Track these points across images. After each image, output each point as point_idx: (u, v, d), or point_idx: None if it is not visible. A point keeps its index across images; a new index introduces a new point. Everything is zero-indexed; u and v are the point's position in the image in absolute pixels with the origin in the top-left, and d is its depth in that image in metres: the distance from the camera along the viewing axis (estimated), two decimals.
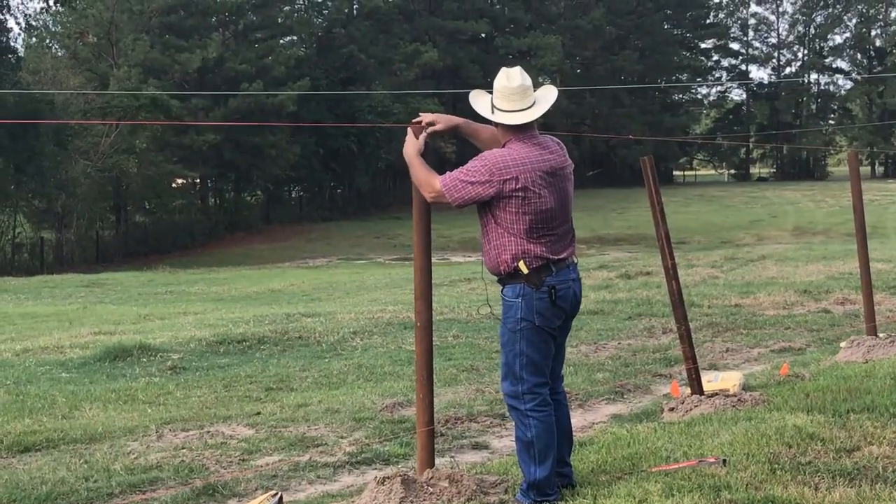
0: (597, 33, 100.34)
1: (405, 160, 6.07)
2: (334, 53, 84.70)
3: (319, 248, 61.30)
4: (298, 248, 62.83)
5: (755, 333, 14.68)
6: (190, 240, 69.07)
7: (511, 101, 5.90)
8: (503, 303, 5.94)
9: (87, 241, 64.73)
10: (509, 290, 5.91)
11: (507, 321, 5.93)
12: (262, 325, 16.48)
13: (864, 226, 12.44)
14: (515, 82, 5.92)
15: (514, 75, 5.97)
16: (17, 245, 62.89)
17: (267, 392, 11.19)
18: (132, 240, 68.08)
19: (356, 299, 23.00)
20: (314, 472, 7.61)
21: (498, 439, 8.60)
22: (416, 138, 6.15)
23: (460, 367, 12.32)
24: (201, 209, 78.35)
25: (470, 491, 6.09)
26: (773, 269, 24.79)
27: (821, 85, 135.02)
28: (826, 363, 11.07)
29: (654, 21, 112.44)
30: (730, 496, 5.77)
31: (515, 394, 5.93)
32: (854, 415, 7.73)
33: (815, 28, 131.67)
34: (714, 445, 6.99)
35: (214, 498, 6.96)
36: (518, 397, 5.92)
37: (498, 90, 5.94)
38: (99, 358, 13.80)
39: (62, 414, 10.18)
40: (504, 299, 5.93)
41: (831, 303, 17.78)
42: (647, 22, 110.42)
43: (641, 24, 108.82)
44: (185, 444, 8.58)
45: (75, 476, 7.55)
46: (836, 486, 5.97)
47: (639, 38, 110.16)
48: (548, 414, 5.94)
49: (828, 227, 55.36)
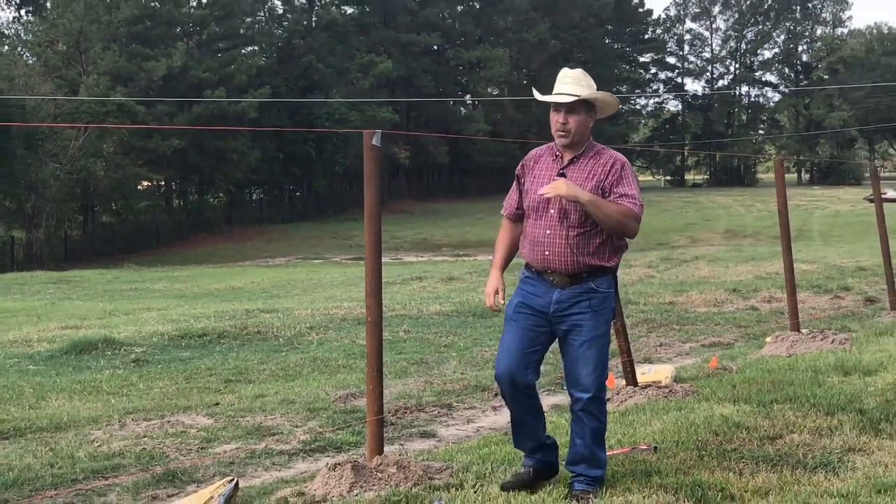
0: (542, 47, 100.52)
1: (590, 209, 5.43)
2: (294, 63, 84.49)
3: (279, 248, 61.13)
4: (259, 248, 62.62)
5: (687, 329, 14.80)
6: (155, 240, 68.78)
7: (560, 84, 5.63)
8: (598, 296, 5.55)
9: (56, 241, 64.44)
10: (604, 282, 5.59)
11: (605, 312, 5.59)
12: (223, 321, 16.41)
13: (789, 229, 12.56)
14: (571, 71, 5.69)
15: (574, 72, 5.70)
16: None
17: (226, 384, 11.16)
18: (99, 239, 67.70)
19: (313, 296, 22.96)
20: (270, 460, 7.59)
21: (445, 428, 8.62)
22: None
23: (410, 361, 12.35)
24: (166, 210, 78.12)
25: (417, 476, 6.10)
26: (705, 269, 24.98)
27: (751, 97, 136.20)
28: (752, 357, 11.16)
29: (596, 36, 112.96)
30: (660, 481, 5.80)
31: (602, 385, 5.62)
32: (777, 405, 7.79)
33: (745, 44, 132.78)
34: (646, 433, 7.03)
35: (174, 484, 6.92)
36: (603, 388, 5.65)
37: (557, 77, 5.70)
38: (65, 351, 13.71)
39: (29, 404, 10.11)
40: (600, 291, 5.55)
41: (758, 301, 17.93)
42: (590, 36, 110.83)
43: (584, 38, 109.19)
44: (147, 432, 8.53)
45: (41, 463, 7.49)
46: (759, 471, 6.02)
47: (581, 51, 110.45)
48: None
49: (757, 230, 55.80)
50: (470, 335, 14.26)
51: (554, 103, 5.59)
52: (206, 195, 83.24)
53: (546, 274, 5.57)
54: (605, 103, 5.72)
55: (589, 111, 5.62)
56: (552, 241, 5.51)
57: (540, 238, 5.56)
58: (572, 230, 5.46)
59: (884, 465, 6.04)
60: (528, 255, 5.67)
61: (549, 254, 5.52)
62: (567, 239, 5.47)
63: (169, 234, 71.42)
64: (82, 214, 69.70)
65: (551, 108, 5.61)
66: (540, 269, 5.60)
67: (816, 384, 8.58)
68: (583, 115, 5.58)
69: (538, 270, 5.62)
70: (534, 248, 5.60)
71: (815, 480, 5.79)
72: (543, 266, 5.57)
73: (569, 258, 5.49)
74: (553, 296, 5.54)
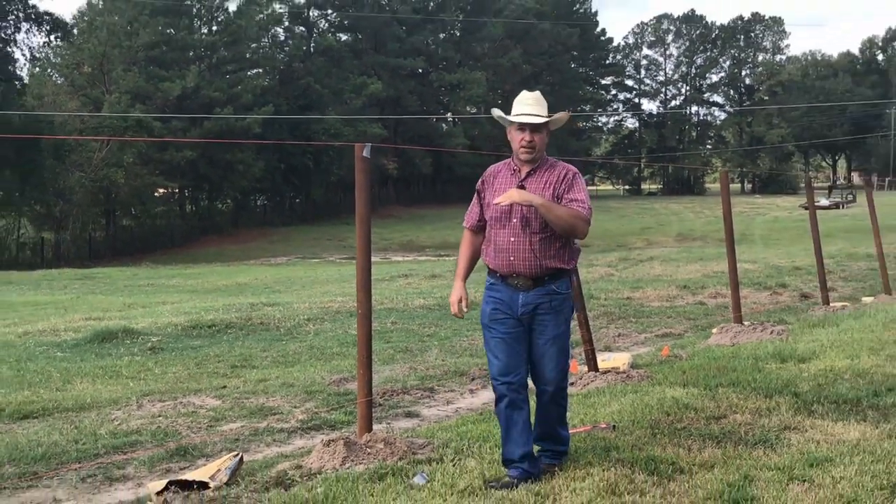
0: (515, 70, 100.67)
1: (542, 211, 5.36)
2: (294, 84, 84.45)
3: (280, 249, 60.98)
4: (262, 248, 62.48)
5: (642, 321, 14.81)
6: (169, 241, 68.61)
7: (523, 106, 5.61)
8: (558, 297, 5.48)
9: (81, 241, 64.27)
10: (563, 284, 5.53)
11: (565, 311, 5.53)
12: (230, 313, 16.37)
13: (733, 233, 12.60)
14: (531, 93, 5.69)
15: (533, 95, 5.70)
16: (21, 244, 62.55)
17: (232, 369, 11.13)
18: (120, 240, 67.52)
19: (310, 291, 22.92)
20: (271, 437, 7.57)
21: (427, 409, 8.61)
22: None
23: (397, 349, 12.34)
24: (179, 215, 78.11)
25: (401, 451, 6.11)
26: (659, 268, 25.03)
27: (700, 116, 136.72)
28: (700, 346, 11.18)
29: (563, 61, 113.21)
30: (618, 455, 5.81)
31: (565, 377, 5.54)
32: (722, 388, 7.82)
33: (695, 68, 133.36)
34: (606, 413, 7.04)
35: (185, 458, 6.90)
36: (566, 379, 5.56)
37: (517, 100, 5.68)
38: (89, 340, 13.66)
39: (56, 387, 10.07)
40: (560, 293, 5.49)
41: (706, 296, 17.96)
42: (558, 61, 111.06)
43: (552, 63, 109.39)
44: (162, 412, 8.51)
45: (66, 439, 7.46)
46: (705, 447, 6.03)
47: (550, 74, 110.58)
48: None
49: (705, 233, 55.86)
50: (450, 326, 14.25)
51: (519, 123, 5.56)
52: (215, 201, 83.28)
53: (511, 278, 5.50)
54: (560, 121, 5.73)
55: (547, 130, 5.63)
56: (517, 248, 5.45)
57: (504, 245, 5.49)
58: (535, 236, 5.41)
59: (816, 442, 6.07)
60: (493, 262, 5.58)
61: (514, 259, 5.45)
62: (531, 244, 5.42)
63: (182, 235, 71.32)
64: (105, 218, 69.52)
65: (515, 127, 5.57)
66: (505, 274, 5.52)
67: (757, 370, 8.62)
68: (544, 133, 5.59)
69: (503, 275, 5.54)
70: (498, 255, 5.52)
71: (755, 455, 5.81)
72: (509, 271, 5.49)
73: (532, 262, 5.43)
74: (518, 299, 5.47)
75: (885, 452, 5.75)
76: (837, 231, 42.44)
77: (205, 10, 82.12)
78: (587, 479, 5.36)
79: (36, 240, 63.54)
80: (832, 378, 8.12)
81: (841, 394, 7.45)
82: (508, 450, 5.52)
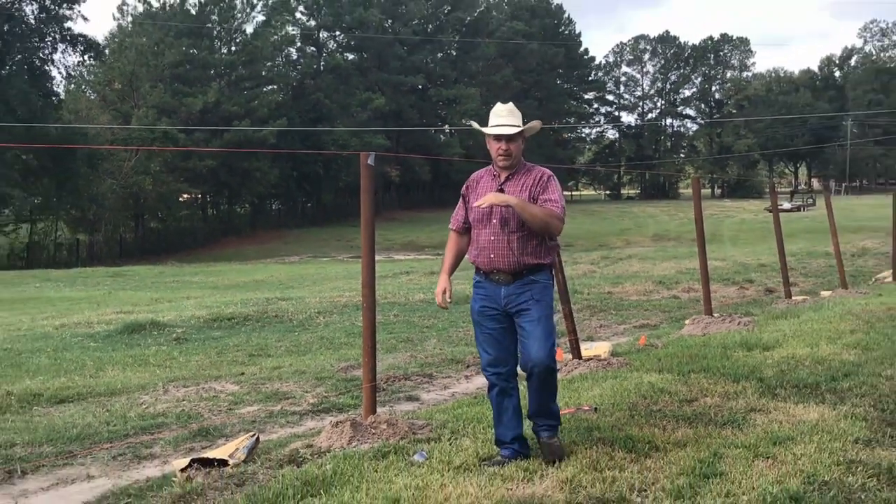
0: (506, 86, 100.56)
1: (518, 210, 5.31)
2: (305, 99, 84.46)
3: (293, 249, 61.00)
4: (277, 248, 62.51)
5: (622, 314, 14.83)
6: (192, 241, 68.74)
7: (498, 117, 5.53)
8: (538, 286, 5.40)
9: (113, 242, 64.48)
10: (543, 275, 5.45)
11: (546, 298, 5.42)
12: (247, 307, 16.38)
13: (704, 234, 12.60)
14: (504, 105, 5.60)
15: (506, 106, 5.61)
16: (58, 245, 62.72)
17: (249, 357, 11.14)
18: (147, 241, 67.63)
19: (320, 287, 22.92)
20: (285, 419, 7.56)
21: (426, 393, 8.60)
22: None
23: (399, 339, 12.34)
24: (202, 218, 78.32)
25: (403, 431, 6.11)
26: (637, 265, 25.04)
27: (674, 127, 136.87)
28: (674, 336, 11.18)
29: (549, 78, 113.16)
30: (599, 435, 5.81)
31: (552, 357, 5.41)
32: (693, 374, 7.81)
33: (669, 84, 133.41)
34: (588, 397, 7.04)
35: (207, 438, 6.90)
36: (553, 359, 5.42)
37: (492, 112, 5.60)
38: (119, 331, 13.68)
39: (90, 374, 10.08)
40: (539, 282, 5.40)
41: (679, 291, 17.99)
42: (545, 79, 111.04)
43: (540, 80, 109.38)
44: (185, 397, 8.51)
45: (99, 421, 7.47)
46: (678, 427, 6.03)
47: (538, 90, 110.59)
48: None
49: (678, 234, 55.96)
50: (447, 318, 14.26)
51: (495, 134, 5.51)
52: (234, 205, 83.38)
53: (492, 274, 5.45)
54: (533, 129, 5.63)
55: (522, 138, 5.56)
56: (496, 246, 5.41)
57: (485, 244, 5.45)
58: (512, 235, 5.37)
59: (779, 423, 6.07)
60: (477, 260, 5.54)
61: (494, 256, 5.41)
62: (508, 243, 5.38)
63: (204, 237, 71.48)
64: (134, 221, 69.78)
65: (492, 137, 5.51)
66: (487, 271, 5.48)
67: (725, 357, 8.62)
68: (519, 142, 5.52)
69: (486, 272, 5.50)
70: (481, 253, 5.48)
71: (724, 434, 5.81)
72: (490, 267, 5.45)
73: (511, 259, 5.39)
74: (501, 292, 5.42)
75: (842, 432, 5.75)
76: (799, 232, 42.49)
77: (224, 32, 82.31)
78: (571, 456, 5.36)
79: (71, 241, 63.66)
80: (794, 364, 8.13)
81: (801, 379, 7.45)
82: (500, 432, 5.52)
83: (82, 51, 65.41)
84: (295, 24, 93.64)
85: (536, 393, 5.41)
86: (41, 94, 60.64)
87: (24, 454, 6.46)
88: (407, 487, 4.83)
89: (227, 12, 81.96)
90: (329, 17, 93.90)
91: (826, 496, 4.57)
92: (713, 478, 4.88)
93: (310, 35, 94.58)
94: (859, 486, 4.72)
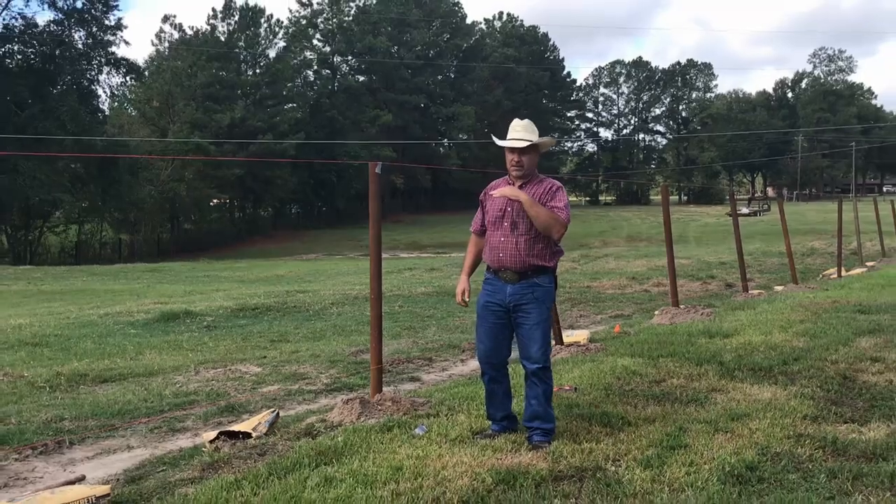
0: (498, 105, 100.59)
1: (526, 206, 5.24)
2: (321, 116, 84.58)
3: (310, 248, 61.00)
4: (295, 247, 62.52)
5: (599, 305, 14.82)
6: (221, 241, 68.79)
7: (513, 132, 5.44)
8: (541, 289, 5.30)
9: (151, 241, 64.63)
10: (546, 278, 5.36)
11: (547, 301, 5.35)
12: (269, 298, 16.37)
13: (671, 235, 12.62)
14: (521, 121, 5.52)
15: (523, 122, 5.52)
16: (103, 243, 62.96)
17: (271, 343, 11.12)
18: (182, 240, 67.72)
19: (334, 281, 22.94)
20: (302, 396, 7.56)
21: (427, 374, 8.59)
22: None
23: (403, 327, 12.33)
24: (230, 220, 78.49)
25: (405, 408, 6.11)
26: (613, 263, 25.04)
27: (646, 142, 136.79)
28: (645, 325, 11.17)
29: (536, 98, 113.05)
30: (578, 411, 5.81)
31: (548, 358, 5.33)
32: (662, 358, 7.81)
33: (642, 104, 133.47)
34: (569, 378, 7.04)
35: (233, 413, 6.90)
36: (549, 359, 5.35)
37: (510, 126, 5.50)
38: (156, 319, 13.65)
39: (130, 357, 10.06)
40: (542, 286, 5.32)
41: (650, 285, 17.99)
42: (532, 98, 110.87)
43: (528, 99, 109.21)
44: (214, 377, 8.50)
45: (138, 398, 7.46)
46: (648, 405, 6.03)
47: (526, 108, 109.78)
48: None
49: (649, 236, 55.96)
50: (446, 309, 14.27)
51: (509, 147, 5.47)
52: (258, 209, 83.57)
53: (501, 272, 5.37)
54: (546, 144, 5.59)
55: (535, 151, 5.48)
56: (505, 246, 5.34)
57: (496, 244, 5.39)
58: (521, 237, 5.30)
59: (736, 401, 6.07)
60: (488, 258, 5.48)
61: (503, 255, 5.34)
62: (517, 244, 5.31)
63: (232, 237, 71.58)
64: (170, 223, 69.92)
65: (507, 149, 5.45)
66: (496, 269, 5.40)
67: (690, 344, 8.61)
68: (531, 155, 5.43)
69: (495, 270, 5.42)
70: (492, 252, 5.42)
71: (688, 411, 5.81)
72: (498, 265, 5.37)
73: (518, 258, 5.31)
74: (507, 290, 5.33)
75: (792, 409, 5.76)
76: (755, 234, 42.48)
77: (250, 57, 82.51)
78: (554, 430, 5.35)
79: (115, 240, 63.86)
80: (750, 350, 8.13)
81: (757, 363, 7.46)
82: (491, 412, 5.49)
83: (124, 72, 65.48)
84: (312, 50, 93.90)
85: (533, 390, 5.28)
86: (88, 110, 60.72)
87: (72, 427, 6.46)
88: (409, 457, 4.83)
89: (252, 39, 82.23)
90: (342, 44, 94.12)
91: (778, 465, 4.57)
92: (678, 449, 4.88)
93: (325, 59, 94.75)
94: (807, 457, 4.72)
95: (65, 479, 5.04)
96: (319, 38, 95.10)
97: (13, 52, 58.95)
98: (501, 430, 5.40)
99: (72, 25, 60.47)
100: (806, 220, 55.07)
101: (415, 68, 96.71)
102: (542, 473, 4.50)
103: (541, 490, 4.27)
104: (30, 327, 12.92)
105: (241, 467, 4.95)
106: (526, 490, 4.25)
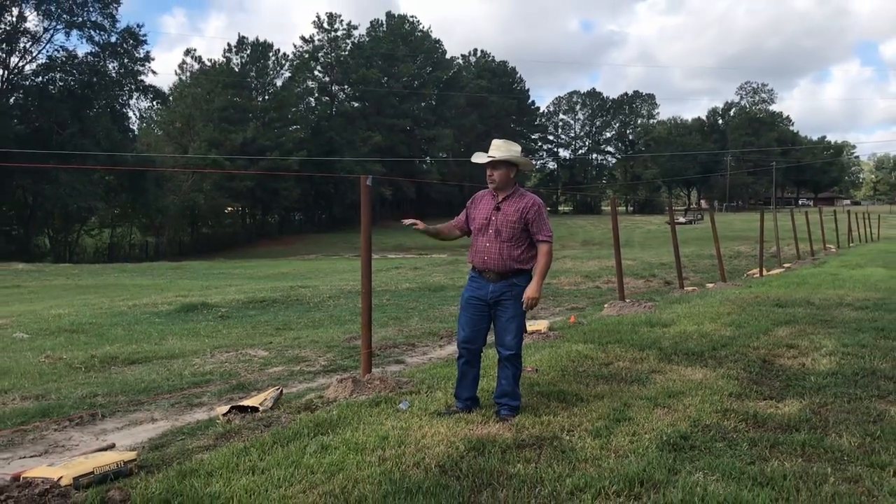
0: (472, 129, 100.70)
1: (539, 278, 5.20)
2: (321, 136, 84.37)
3: (311, 249, 60.76)
4: (298, 249, 62.24)
5: (557, 299, 14.85)
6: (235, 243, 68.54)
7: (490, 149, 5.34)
8: (518, 287, 5.20)
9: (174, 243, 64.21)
10: (523, 279, 5.26)
11: (523, 298, 5.21)
12: (275, 292, 16.30)
13: (619, 240, 12.67)
14: (498, 140, 5.42)
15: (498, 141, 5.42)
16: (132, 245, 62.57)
17: (276, 330, 11.07)
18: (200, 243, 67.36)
19: (332, 278, 22.86)
20: (302, 376, 7.53)
21: (410, 357, 8.57)
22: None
23: (390, 317, 12.30)
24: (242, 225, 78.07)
25: (391, 386, 6.09)
26: (570, 263, 25.09)
27: (598, 160, 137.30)
28: (596, 316, 11.18)
29: (506, 122, 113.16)
30: (539, 389, 5.81)
31: (520, 346, 5.28)
32: (610, 344, 7.83)
33: (595, 128, 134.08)
34: (531, 361, 7.03)
35: (243, 390, 6.85)
36: (521, 348, 5.29)
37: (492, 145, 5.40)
38: (178, 310, 13.57)
39: (154, 342, 9.99)
40: (519, 286, 5.20)
41: (601, 282, 18.03)
42: (502, 122, 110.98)
43: (498, 123, 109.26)
44: (227, 360, 8.45)
45: (161, 377, 7.41)
46: (598, 384, 6.04)
47: (497, 131, 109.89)
48: None
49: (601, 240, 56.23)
50: (428, 302, 14.26)
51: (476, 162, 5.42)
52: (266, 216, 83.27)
53: (485, 273, 5.31)
54: (520, 163, 5.40)
55: (508, 167, 5.32)
56: (490, 250, 5.27)
57: (482, 248, 5.31)
58: (504, 243, 5.23)
59: (673, 381, 6.10)
60: (473, 259, 5.39)
61: (487, 258, 5.28)
62: (500, 249, 5.25)
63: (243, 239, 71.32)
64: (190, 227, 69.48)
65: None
66: (481, 269, 5.34)
67: (634, 332, 8.64)
68: (503, 170, 5.29)
69: (480, 270, 5.35)
70: (477, 255, 5.34)
71: (632, 390, 5.83)
72: (483, 267, 5.31)
73: (500, 261, 5.26)
74: (489, 288, 5.28)
75: (719, 388, 5.79)
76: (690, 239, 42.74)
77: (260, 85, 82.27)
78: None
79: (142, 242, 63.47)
80: (685, 338, 8.17)
81: (690, 348, 7.49)
82: (459, 392, 5.42)
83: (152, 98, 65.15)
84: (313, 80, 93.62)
85: (504, 373, 5.26)
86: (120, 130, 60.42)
87: (104, 402, 6.40)
88: (394, 428, 4.83)
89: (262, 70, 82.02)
90: (339, 74, 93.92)
91: (707, 435, 4.60)
92: (623, 421, 4.91)
93: (325, 88, 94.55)
94: (732, 429, 4.76)
95: (97, 447, 5.00)
96: (320, 70, 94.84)
97: (55, 80, 58.70)
98: (465, 408, 5.33)
99: (106, 57, 60.27)
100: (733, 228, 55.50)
101: (402, 96, 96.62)
102: (508, 442, 4.51)
103: (506, 456, 4.28)
104: (68, 316, 12.81)
105: (249, 437, 4.93)
106: (493, 456, 4.26)
